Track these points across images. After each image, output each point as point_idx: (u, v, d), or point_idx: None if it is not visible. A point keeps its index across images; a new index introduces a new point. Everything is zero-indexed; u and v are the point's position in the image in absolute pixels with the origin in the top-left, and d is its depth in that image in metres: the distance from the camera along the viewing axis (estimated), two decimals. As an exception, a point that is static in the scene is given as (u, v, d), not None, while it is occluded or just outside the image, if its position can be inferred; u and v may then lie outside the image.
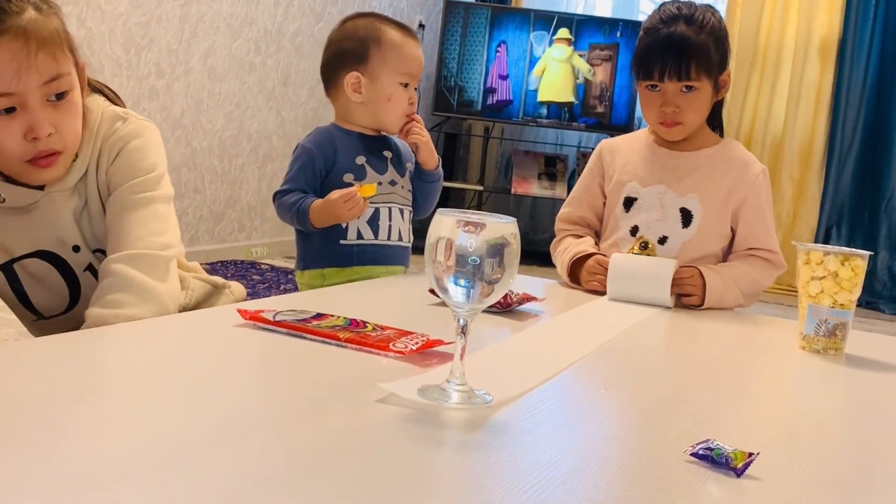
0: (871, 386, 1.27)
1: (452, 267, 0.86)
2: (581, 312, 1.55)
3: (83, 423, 0.77)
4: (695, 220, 1.78)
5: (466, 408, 0.89)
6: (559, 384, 1.06)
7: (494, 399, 0.92)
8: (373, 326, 1.12)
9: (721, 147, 1.84)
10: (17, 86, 1.16)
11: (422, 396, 0.90)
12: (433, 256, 0.87)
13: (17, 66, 1.15)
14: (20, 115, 1.18)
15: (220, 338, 1.10)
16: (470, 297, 0.87)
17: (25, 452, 0.67)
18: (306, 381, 0.97)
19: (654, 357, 1.36)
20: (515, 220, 0.89)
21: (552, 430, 0.90)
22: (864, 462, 0.92)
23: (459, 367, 0.90)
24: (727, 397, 1.13)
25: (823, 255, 1.38)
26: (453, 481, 0.75)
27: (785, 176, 5.48)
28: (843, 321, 1.38)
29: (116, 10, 3.56)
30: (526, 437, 0.85)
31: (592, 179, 1.91)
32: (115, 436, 0.74)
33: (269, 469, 0.70)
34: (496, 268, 0.86)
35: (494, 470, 0.76)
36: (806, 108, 5.48)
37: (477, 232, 0.85)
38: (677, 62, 1.72)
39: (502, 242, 0.86)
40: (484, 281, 0.86)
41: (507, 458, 0.79)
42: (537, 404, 0.96)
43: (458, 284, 0.86)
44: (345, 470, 0.73)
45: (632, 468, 0.81)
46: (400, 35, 1.73)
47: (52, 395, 0.82)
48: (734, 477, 0.79)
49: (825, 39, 5.45)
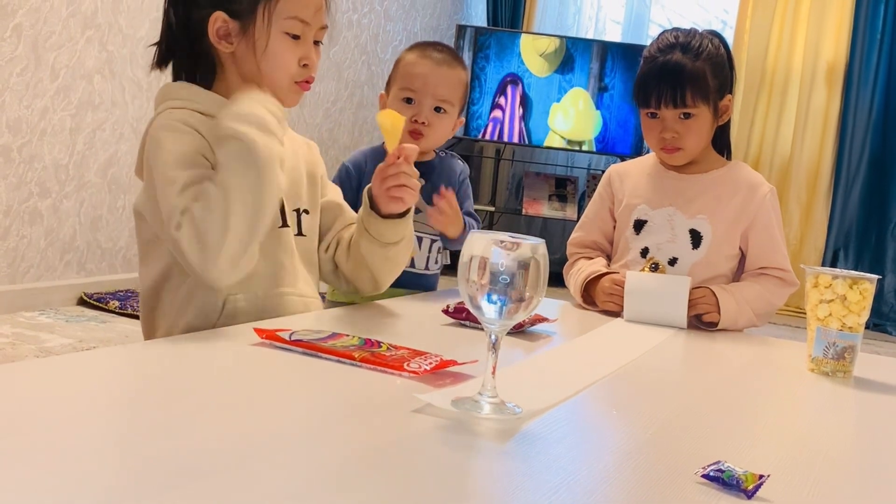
0: (881, 408, 1.27)
1: (486, 285, 0.89)
2: (597, 335, 1.54)
3: (105, 441, 0.77)
4: (704, 241, 1.77)
5: (498, 418, 0.92)
6: (574, 405, 1.06)
7: (523, 411, 0.94)
8: (387, 346, 1.12)
9: (728, 169, 1.84)
10: (312, 19, 1.36)
11: (455, 407, 0.93)
12: (466, 275, 0.91)
13: (318, 5, 1.37)
14: (301, 44, 1.36)
15: (238, 357, 1.10)
16: (502, 314, 0.91)
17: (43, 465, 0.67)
18: (328, 399, 0.97)
19: (666, 379, 1.36)
20: (544, 241, 0.93)
21: (566, 449, 0.89)
22: (874, 484, 0.91)
23: (491, 380, 0.94)
24: (738, 419, 1.12)
25: (832, 278, 1.38)
26: (490, 484, 0.78)
27: (792, 199, 5.47)
28: (851, 344, 1.37)
29: (137, 33, 3.59)
30: (540, 458, 0.85)
31: (602, 204, 1.92)
32: (142, 458, 0.73)
33: (307, 480, 0.71)
34: (528, 285, 0.90)
35: (532, 473, 0.76)
36: (813, 132, 5.47)
37: (512, 250, 0.89)
38: (673, 90, 1.73)
39: (533, 261, 0.90)
40: (516, 298, 0.90)
41: (538, 467, 0.79)
42: (550, 424, 0.96)
43: (490, 301, 0.90)
44: (387, 476, 0.75)
45: (643, 489, 0.81)
46: (415, 54, 1.79)
47: (71, 412, 0.82)
48: (745, 499, 0.78)
49: (832, 65, 5.46)
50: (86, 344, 2.94)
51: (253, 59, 1.33)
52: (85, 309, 3.43)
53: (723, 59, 1.79)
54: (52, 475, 0.66)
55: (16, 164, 3.18)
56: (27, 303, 3.28)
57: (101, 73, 3.49)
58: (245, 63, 1.34)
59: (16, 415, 0.79)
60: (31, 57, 3.18)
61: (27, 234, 3.28)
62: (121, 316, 3.36)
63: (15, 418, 0.78)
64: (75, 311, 3.39)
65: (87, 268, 3.58)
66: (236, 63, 1.35)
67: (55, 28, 3.26)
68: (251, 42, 1.33)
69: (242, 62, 1.34)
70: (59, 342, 2.92)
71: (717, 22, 5.96)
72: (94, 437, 0.77)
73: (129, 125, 3.62)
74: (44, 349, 2.82)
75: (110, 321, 3.28)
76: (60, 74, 3.31)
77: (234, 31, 1.33)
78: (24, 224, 3.26)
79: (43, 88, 3.25)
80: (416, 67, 1.76)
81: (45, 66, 3.24)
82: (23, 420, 0.78)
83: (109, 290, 3.62)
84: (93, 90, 3.46)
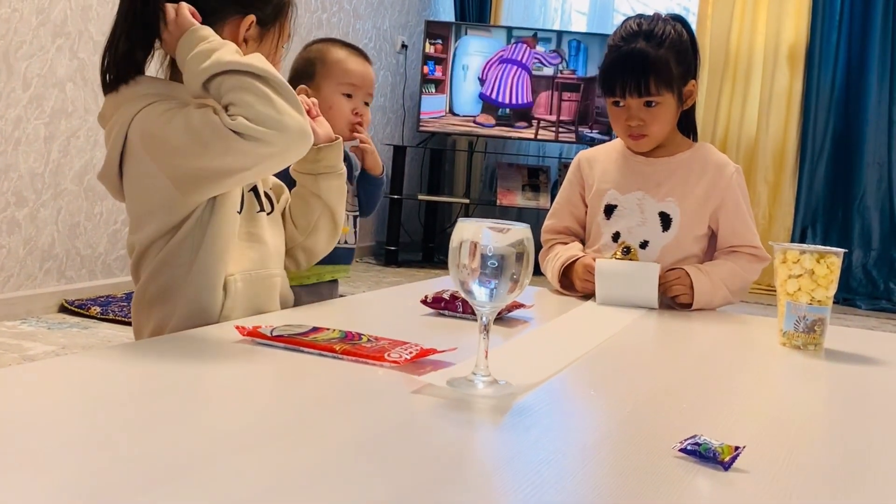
0: (851, 378, 1.28)
1: (477, 269, 0.93)
2: (570, 317, 1.55)
3: (92, 441, 0.77)
4: (674, 223, 1.79)
5: (495, 395, 0.96)
6: (551, 386, 1.06)
7: (514, 388, 0.98)
8: (367, 338, 1.13)
9: (695, 151, 1.85)
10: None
11: (452, 386, 0.96)
12: (457, 260, 0.94)
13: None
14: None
15: (222, 354, 1.09)
16: (493, 297, 0.94)
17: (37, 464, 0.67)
18: (317, 390, 0.97)
19: (641, 358, 1.37)
20: (529, 226, 0.95)
21: (545, 430, 0.90)
22: (846, 451, 0.92)
23: (484, 361, 0.97)
24: (712, 394, 1.13)
25: (799, 253, 1.39)
26: (493, 455, 0.80)
27: (760, 179, 5.51)
28: (820, 317, 1.39)
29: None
30: (522, 438, 0.86)
31: (573, 190, 1.93)
32: (133, 455, 0.73)
33: (308, 463, 0.71)
34: (517, 267, 0.93)
35: (516, 452, 0.76)
36: (777, 113, 5.52)
37: (502, 233, 0.93)
38: (636, 79, 1.74)
39: (521, 243, 0.93)
40: (506, 280, 0.93)
41: (521, 447, 0.80)
42: (528, 407, 0.96)
43: (482, 285, 0.93)
44: (393, 453, 0.77)
45: (622, 465, 0.81)
46: (344, 52, 1.89)
47: (59, 414, 0.82)
48: (722, 470, 0.79)
49: (793, 47, 5.50)
50: (69, 350, 2.92)
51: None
52: (66, 316, 3.41)
53: (686, 45, 1.80)
54: (41, 475, 0.66)
55: (-9, 174, 3.15)
56: (8, 312, 3.25)
57: (73, 80, 3.46)
58: None
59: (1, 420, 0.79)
60: (2, 67, 3.15)
61: (6, 243, 3.25)
62: (103, 321, 3.34)
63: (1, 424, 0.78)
64: (57, 318, 3.37)
65: (67, 275, 3.55)
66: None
67: (25, 37, 3.23)
68: (262, 50, 1.36)
69: None
70: (43, 349, 2.90)
71: (679, 8, 5.99)
72: (80, 437, 0.77)
73: (102, 132, 3.59)
74: (27, 357, 2.80)
75: (92, 327, 3.26)
76: (33, 83, 3.28)
77: (254, 36, 1.38)
78: (3, 234, 3.24)
79: (16, 98, 3.22)
80: (351, 64, 1.88)
81: (17, 75, 3.21)
82: (7, 425, 0.77)
83: (90, 296, 3.60)
84: (65, 98, 3.43)
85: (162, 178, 1.27)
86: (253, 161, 1.22)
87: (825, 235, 5.46)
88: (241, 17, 1.35)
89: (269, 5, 1.38)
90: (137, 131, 1.28)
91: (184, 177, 1.26)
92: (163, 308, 1.32)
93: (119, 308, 3.43)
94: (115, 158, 1.32)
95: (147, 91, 1.31)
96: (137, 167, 1.30)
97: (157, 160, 1.27)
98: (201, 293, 1.31)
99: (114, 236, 3.75)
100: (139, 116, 1.28)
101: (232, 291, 1.33)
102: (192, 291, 1.30)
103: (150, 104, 1.29)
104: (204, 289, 1.31)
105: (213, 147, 1.21)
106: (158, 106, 1.28)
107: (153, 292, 1.33)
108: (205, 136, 1.21)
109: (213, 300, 1.31)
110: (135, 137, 1.28)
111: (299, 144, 1.25)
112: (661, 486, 0.75)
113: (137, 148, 1.29)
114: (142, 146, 1.28)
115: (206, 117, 1.23)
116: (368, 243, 5.92)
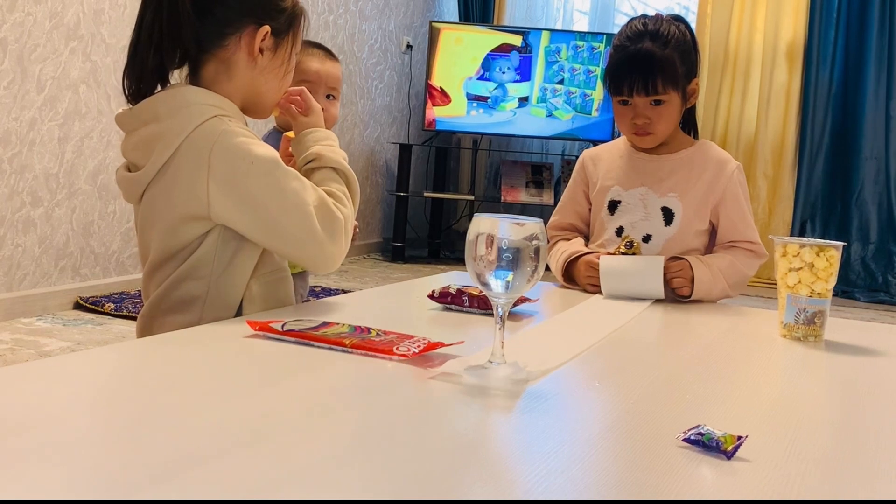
0: (851, 369, 1.28)
1: (494, 261, 0.94)
2: (577, 311, 1.55)
3: (107, 434, 0.77)
4: (676, 217, 1.79)
5: (510, 382, 0.98)
6: (557, 377, 1.06)
7: (526, 375, 1.01)
8: (376, 332, 1.13)
9: (696, 148, 1.85)
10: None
11: (469, 374, 0.99)
12: (474, 253, 0.95)
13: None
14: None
15: (234, 348, 1.10)
16: (509, 288, 0.96)
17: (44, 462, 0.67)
18: (331, 382, 0.97)
19: (645, 350, 1.37)
20: (542, 220, 0.98)
21: (553, 420, 0.90)
22: (846, 440, 0.92)
23: (500, 349, 0.99)
24: (715, 385, 1.13)
25: (799, 247, 1.39)
26: (505, 444, 0.80)
27: (759, 174, 5.50)
28: (820, 309, 1.39)
29: (119, 43, 3.56)
30: (530, 429, 0.86)
31: (577, 188, 1.93)
32: (151, 447, 0.73)
33: (325, 451, 0.72)
34: (531, 259, 0.95)
35: (523, 442, 0.76)
36: (776, 109, 5.50)
37: (518, 225, 0.95)
38: (644, 78, 1.73)
39: (535, 237, 0.95)
40: (521, 272, 0.95)
41: (529, 437, 0.80)
42: (540, 395, 0.96)
43: (498, 276, 0.95)
44: (408, 440, 0.78)
45: (627, 455, 0.81)
46: (302, 53, 1.86)
47: (75, 408, 0.82)
48: (725, 459, 0.79)
49: (792, 44, 5.48)
50: (84, 346, 2.93)
51: (251, 72, 1.36)
52: (81, 313, 3.42)
53: (689, 45, 1.80)
54: (57, 468, 0.66)
55: (7, 174, 3.16)
56: (25, 309, 3.26)
57: (87, 82, 3.47)
58: (244, 75, 1.36)
59: (18, 414, 0.79)
60: (17, 70, 3.15)
61: (21, 242, 3.26)
62: (117, 318, 3.35)
63: (18, 418, 0.78)
64: (72, 315, 3.37)
65: (82, 273, 3.56)
66: (236, 72, 1.35)
67: (39, 41, 3.23)
68: (277, 59, 1.38)
69: (242, 73, 1.36)
70: (58, 346, 2.91)
71: (679, 8, 5.97)
72: (95, 431, 0.77)
73: (115, 132, 3.59)
74: (43, 353, 2.80)
75: (106, 323, 3.27)
76: (46, 86, 3.29)
77: (269, 46, 1.37)
78: (18, 233, 3.24)
79: (30, 100, 3.22)
80: (305, 62, 1.89)
81: (32, 78, 3.22)
82: (26, 419, 0.78)
83: (104, 293, 3.60)
84: (79, 100, 3.44)
85: (206, 191, 1.26)
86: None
87: (824, 229, 5.44)
88: (257, 28, 1.35)
89: (282, 16, 1.38)
90: (222, 171, 1.25)
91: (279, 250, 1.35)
92: (182, 317, 1.31)
93: (132, 304, 3.44)
94: (161, 161, 1.29)
95: (202, 101, 1.29)
96: (193, 179, 1.26)
97: (252, 233, 1.30)
98: (225, 303, 1.31)
99: (127, 234, 3.75)
100: (220, 152, 1.26)
101: (250, 296, 1.34)
102: (216, 301, 1.30)
103: (215, 118, 1.28)
104: (228, 298, 1.31)
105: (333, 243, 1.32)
106: (235, 139, 1.27)
107: (174, 299, 1.31)
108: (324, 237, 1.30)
109: (233, 310, 1.32)
110: (216, 166, 1.25)
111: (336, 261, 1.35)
112: (666, 475, 0.75)
113: (205, 173, 1.26)
114: (230, 200, 1.26)
115: (311, 196, 1.30)
116: (375, 240, 5.93)
